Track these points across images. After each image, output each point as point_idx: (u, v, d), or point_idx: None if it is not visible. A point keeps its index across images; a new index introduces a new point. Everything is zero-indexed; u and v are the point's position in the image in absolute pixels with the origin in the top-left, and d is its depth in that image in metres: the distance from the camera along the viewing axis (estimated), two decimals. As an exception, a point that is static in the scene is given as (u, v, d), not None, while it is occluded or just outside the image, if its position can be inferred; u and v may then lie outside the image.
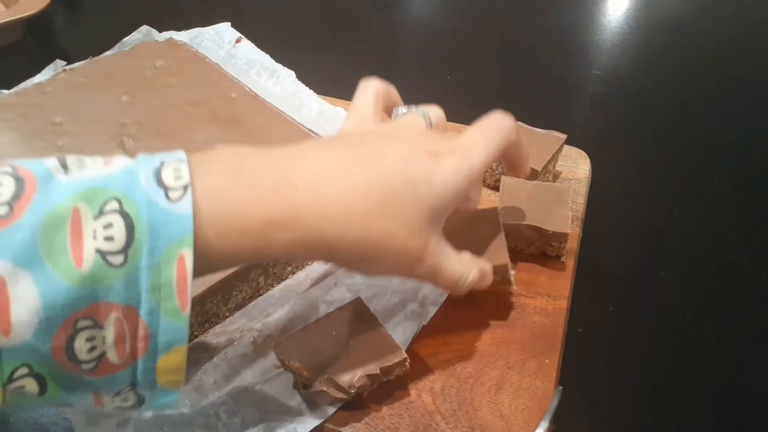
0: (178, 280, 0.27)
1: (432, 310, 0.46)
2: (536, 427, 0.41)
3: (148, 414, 0.38)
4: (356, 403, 0.42)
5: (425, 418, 0.41)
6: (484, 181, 0.56)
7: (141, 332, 0.27)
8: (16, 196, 0.25)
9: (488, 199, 0.55)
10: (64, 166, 0.27)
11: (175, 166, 0.28)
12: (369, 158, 0.33)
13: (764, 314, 0.52)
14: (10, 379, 0.25)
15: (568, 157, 0.57)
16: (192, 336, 0.42)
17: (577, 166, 0.57)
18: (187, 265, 0.27)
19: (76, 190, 0.26)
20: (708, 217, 0.60)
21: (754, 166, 0.65)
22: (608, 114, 0.72)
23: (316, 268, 0.49)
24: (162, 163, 0.28)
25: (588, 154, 0.58)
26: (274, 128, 0.55)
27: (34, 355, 0.25)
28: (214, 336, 0.43)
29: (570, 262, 0.50)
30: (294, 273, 0.48)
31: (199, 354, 0.42)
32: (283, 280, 0.47)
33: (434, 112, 0.40)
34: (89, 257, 0.25)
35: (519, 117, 0.56)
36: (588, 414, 0.46)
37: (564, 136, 0.54)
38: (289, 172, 0.31)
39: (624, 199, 0.61)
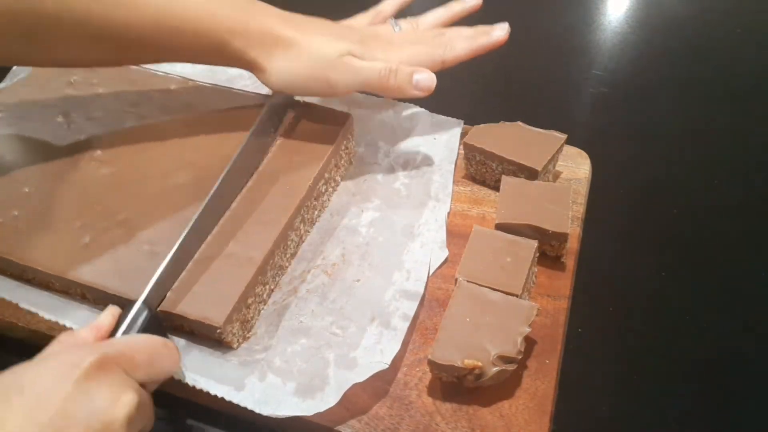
0: None
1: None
2: (537, 427, 0.41)
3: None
4: (356, 403, 0.42)
5: (425, 419, 0.41)
6: (484, 182, 0.56)
7: None
8: None
9: (488, 199, 0.55)
10: None
11: None
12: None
13: (765, 314, 0.52)
14: None
15: (569, 157, 0.57)
16: (269, 290, 0.48)
17: (577, 166, 0.57)
18: None
19: None
20: (708, 217, 0.60)
21: (755, 166, 0.65)
22: (608, 114, 0.72)
23: (336, 205, 0.54)
24: None
25: (588, 153, 0.58)
26: (228, 102, 0.56)
27: None
28: (287, 284, 0.49)
29: (570, 263, 0.50)
30: (320, 216, 0.53)
31: (287, 299, 0.48)
32: (314, 224, 0.53)
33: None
34: None
35: (519, 117, 0.56)
36: (588, 414, 0.46)
37: (564, 136, 0.54)
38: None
39: (623, 198, 0.61)
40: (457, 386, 0.42)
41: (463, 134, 0.58)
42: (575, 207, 0.53)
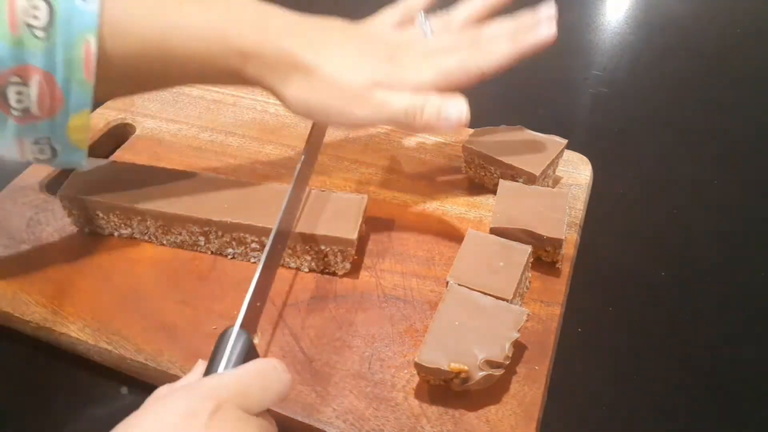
0: (86, 58, 0.38)
1: None
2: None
3: None
4: (342, 404, 0.41)
5: (411, 421, 0.41)
6: (483, 185, 0.55)
7: (57, 95, 0.38)
8: None
9: (486, 203, 0.54)
10: None
11: None
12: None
13: (765, 314, 0.52)
14: None
15: (570, 163, 0.57)
16: None
17: (578, 172, 0.56)
18: (92, 48, 0.38)
19: None
20: (708, 217, 0.60)
21: (755, 166, 0.65)
22: (608, 114, 0.72)
23: None
24: None
25: (587, 153, 0.58)
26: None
27: None
28: None
29: (565, 269, 0.49)
30: None
31: None
32: None
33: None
34: (21, 26, 0.36)
35: (519, 118, 0.56)
36: (587, 414, 0.45)
37: (564, 141, 0.53)
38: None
39: (623, 197, 0.61)
40: (445, 389, 0.42)
41: None
42: (573, 213, 0.53)
